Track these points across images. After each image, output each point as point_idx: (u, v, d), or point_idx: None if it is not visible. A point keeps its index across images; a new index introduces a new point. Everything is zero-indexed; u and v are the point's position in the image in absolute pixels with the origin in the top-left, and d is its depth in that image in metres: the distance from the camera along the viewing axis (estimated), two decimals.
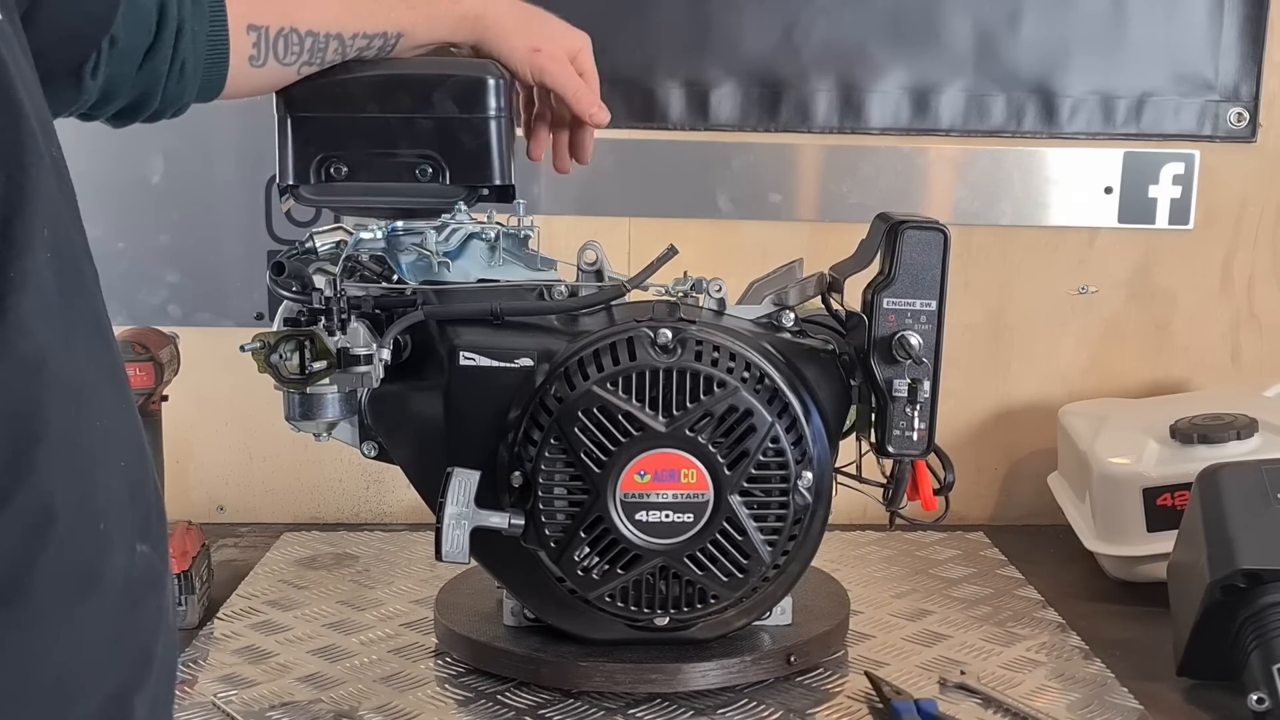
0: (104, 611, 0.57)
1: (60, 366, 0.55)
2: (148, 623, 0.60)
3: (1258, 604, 1.02)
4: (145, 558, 0.60)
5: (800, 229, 1.54)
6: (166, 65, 0.88)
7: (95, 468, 0.57)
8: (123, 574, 0.58)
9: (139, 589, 0.59)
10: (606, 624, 1.04)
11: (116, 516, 0.58)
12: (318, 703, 1.05)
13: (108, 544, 0.57)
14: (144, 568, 0.60)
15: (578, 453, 0.98)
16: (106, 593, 0.57)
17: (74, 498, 0.55)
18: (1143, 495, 1.29)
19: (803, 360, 1.03)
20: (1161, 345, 1.60)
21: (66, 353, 0.56)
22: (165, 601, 0.62)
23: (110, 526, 0.58)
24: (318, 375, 1.00)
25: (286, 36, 0.94)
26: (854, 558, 1.42)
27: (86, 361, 0.58)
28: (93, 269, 0.62)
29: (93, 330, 0.60)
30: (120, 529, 0.58)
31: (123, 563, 0.58)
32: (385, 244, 1.04)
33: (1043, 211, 1.57)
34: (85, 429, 0.57)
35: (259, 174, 1.48)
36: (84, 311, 0.59)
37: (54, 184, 0.58)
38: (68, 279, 0.58)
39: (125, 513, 0.59)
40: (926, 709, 1.02)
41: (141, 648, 0.60)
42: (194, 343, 1.35)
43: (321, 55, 0.97)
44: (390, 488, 1.57)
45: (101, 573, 0.57)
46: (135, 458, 0.62)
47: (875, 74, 1.53)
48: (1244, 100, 1.55)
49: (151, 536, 0.61)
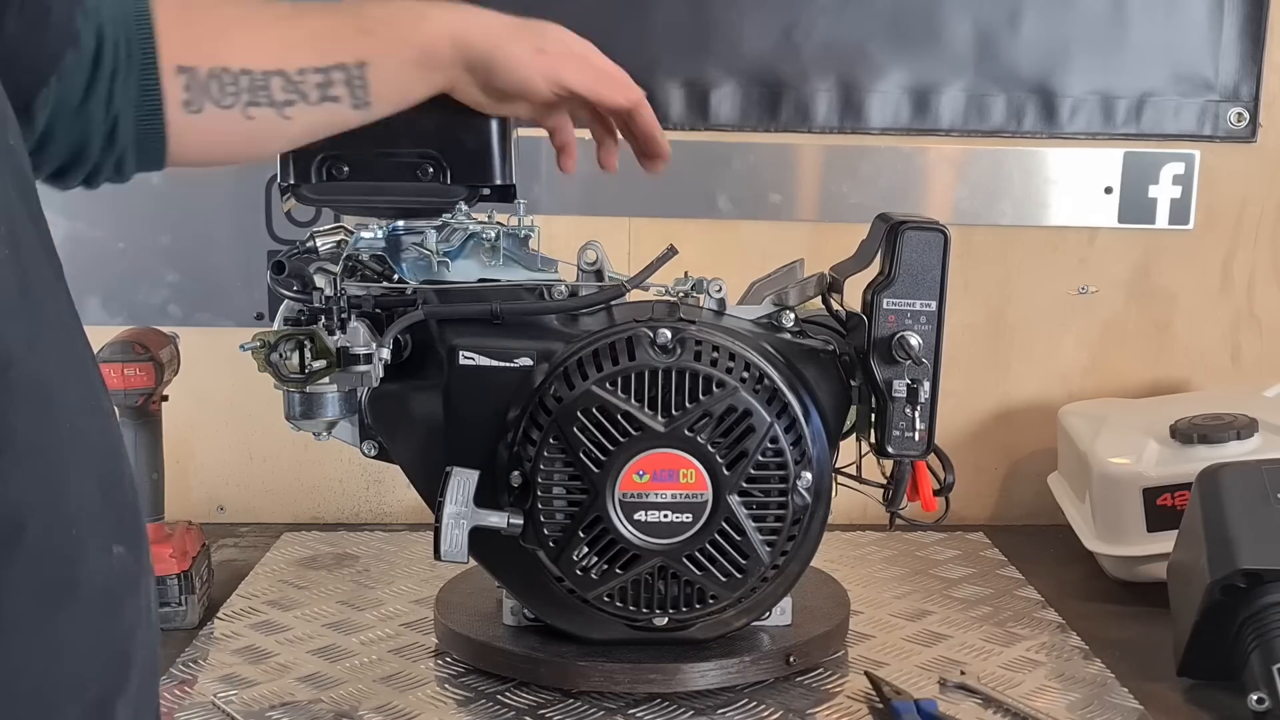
0: (81, 618, 0.56)
1: (25, 368, 0.53)
2: (126, 625, 0.59)
3: (1258, 604, 1.02)
4: (121, 559, 0.59)
5: (800, 229, 1.54)
6: (103, 110, 0.82)
7: (66, 471, 0.56)
8: (100, 577, 0.57)
9: (116, 592, 0.58)
10: (605, 624, 1.04)
11: (90, 520, 0.57)
12: (318, 703, 1.05)
13: (81, 549, 0.56)
14: (120, 570, 0.59)
15: (577, 452, 0.98)
16: (83, 598, 0.56)
17: (43, 505, 0.54)
18: (1143, 495, 1.29)
19: (802, 361, 1.03)
20: (1161, 345, 1.60)
21: (30, 354, 0.54)
22: (142, 601, 0.61)
23: (83, 531, 0.56)
24: (318, 374, 1.00)
25: (219, 76, 0.86)
26: (854, 558, 1.42)
27: (53, 362, 0.56)
28: (56, 264, 0.59)
29: (58, 328, 0.58)
30: (94, 532, 0.57)
31: (99, 566, 0.57)
32: (386, 243, 1.04)
33: (1043, 211, 1.57)
34: (53, 432, 0.55)
35: (259, 174, 1.48)
36: (48, 309, 0.57)
37: (8, 178, 0.55)
38: (29, 276, 0.55)
39: (99, 515, 0.58)
40: (926, 709, 1.02)
41: (120, 652, 0.59)
42: (194, 343, 1.35)
43: (266, 95, 0.88)
44: (390, 488, 1.57)
45: (76, 579, 0.55)
46: (108, 457, 0.60)
47: (875, 74, 1.53)
48: (1244, 100, 1.55)
49: (127, 537, 0.60)
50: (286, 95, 0.89)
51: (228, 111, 0.87)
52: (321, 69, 0.90)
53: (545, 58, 0.95)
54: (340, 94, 0.91)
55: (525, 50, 0.95)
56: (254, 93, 0.88)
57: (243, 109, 0.88)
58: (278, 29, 0.90)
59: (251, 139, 0.91)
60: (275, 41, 0.89)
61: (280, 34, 0.90)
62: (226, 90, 0.87)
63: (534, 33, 0.96)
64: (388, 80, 0.92)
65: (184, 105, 0.86)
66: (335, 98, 0.90)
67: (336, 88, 0.90)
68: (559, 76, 0.96)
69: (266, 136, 0.91)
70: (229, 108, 0.87)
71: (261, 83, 0.88)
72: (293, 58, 0.89)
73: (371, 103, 0.92)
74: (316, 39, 0.90)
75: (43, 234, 0.59)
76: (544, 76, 0.95)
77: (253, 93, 0.88)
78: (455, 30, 0.93)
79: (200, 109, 0.86)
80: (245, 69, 0.87)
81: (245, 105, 0.88)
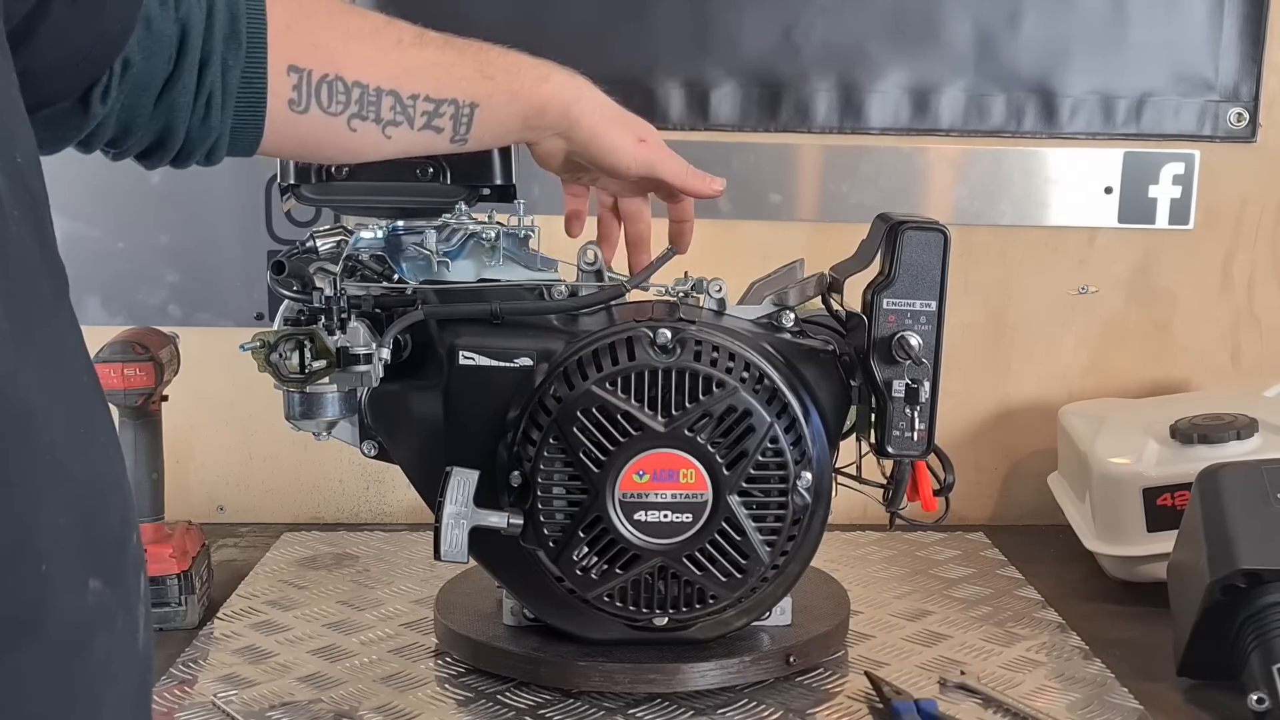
0: (43, 659, 0.53)
1: (3, 400, 0.51)
2: (95, 661, 0.56)
3: (1258, 604, 1.02)
4: (97, 594, 0.56)
5: (800, 229, 1.54)
6: (190, 98, 0.82)
7: (38, 507, 0.53)
8: (69, 614, 0.54)
9: (88, 628, 0.55)
10: (605, 624, 1.04)
11: (62, 555, 0.54)
12: (318, 703, 1.05)
13: (48, 586, 0.53)
14: (95, 605, 0.56)
15: (576, 452, 0.98)
16: (47, 639, 0.53)
17: (6, 541, 0.51)
18: (1143, 495, 1.29)
19: (802, 361, 1.03)
20: (1161, 345, 1.60)
21: (12, 384, 0.51)
22: (117, 640, 0.58)
23: (53, 568, 0.53)
24: (317, 374, 1.00)
25: (331, 84, 0.88)
26: (854, 558, 1.42)
27: (39, 391, 0.53)
28: (59, 284, 0.57)
29: (49, 355, 0.55)
30: (66, 568, 0.54)
31: (69, 603, 0.54)
32: (385, 243, 1.04)
33: (1043, 211, 1.57)
34: (27, 465, 0.52)
35: (259, 174, 1.48)
36: (40, 335, 0.54)
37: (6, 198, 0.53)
38: (19, 302, 0.53)
39: (76, 550, 0.55)
40: (926, 709, 1.02)
41: (88, 691, 0.56)
42: (194, 343, 1.35)
43: (374, 110, 0.90)
44: (390, 488, 1.58)
45: (41, 618, 0.52)
46: (93, 489, 0.57)
47: (875, 74, 1.53)
48: (1244, 100, 1.55)
49: (107, 571, 0.57)
50: (393, 116, 0.92)
51: (333, 118, 0.89)
52: (435, 100, 0.93)
53: (645, 147, 1.03)
54: (444, 126, 0.94)
55: (628, 137, 1.02)
56: (363, 106, 0.90)
57: (348, 119, 0.90)
58: (400, 52, 0.92)
59: (347, 147, 0.93)
60: (395, 63, 0.91)
61: (402, 57, 0.92)
62: (336, 98, 0.89)
63: (638, 123, 1.03)
64: (492, 125, 0.96)
65: (290, 104, 0.87)
66: (438, 129, 0.94)
67: (443, 120, 0.94)
68: (655, 168, 1.03)
69: (362, 148, 0.93)
70: (335, 115, 0.89)
71: (373, 99, 0.90)
72: (409, 82, 0.92)
73: (469, 140, 0.96)
74: (438, 70, 0.93)
75: (49, 255, 0.57)
76: (639, 164, 1.02)
77: (362, 106, 0.90)
78: (570, 100, 0.98)
79: (306, 110, 0.88)
80: (359, 82, 0.89)
81: (351, 116, 0.90)
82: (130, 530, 0.60)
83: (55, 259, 0.58)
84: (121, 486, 0.60)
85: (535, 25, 1.49)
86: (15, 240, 0.53)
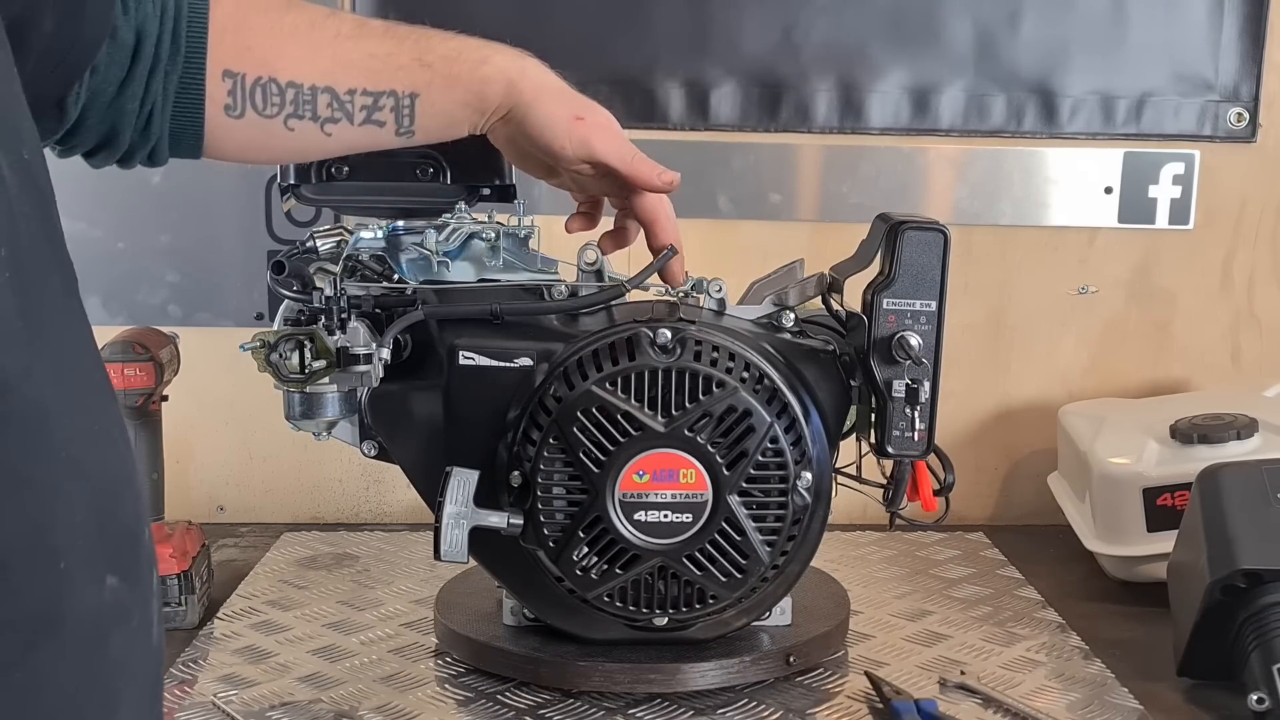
0: (63, 656, 0.53)
1: (20, 397, 0.51)
2: (114, 658, 0.57)
3: (1258, 604, 1.02)
4: (114, 591, 0.56)
5: (800, 229, 1.54)
6: (136, 104, 0.83)
7: (55, 503, 0.53)
8: (88, 611, 0.55)
9: (105, 625, 0.56)
10: (605, 624, 1.04)
11: (80, 552, 0.54)
12: (318, 703, 1.05)
13: (68, 583, 0.53)
14: (113, 601, 0.56)
15: (576, 452, 0.98)
16: (67, 635, 0.53)
17: (26, 539, 0.51)
18: (1143, 495, 1.29)
19: (802, 361, 1.03)
20: (1161, 345, 1.60)
21: (27, 381, 0.51)
22: (136, 630, 0.58)
23: (71, 564, 0.53)
24: (317, 374, 1.00)
25: (264, 86, 0.88)
26: (854, 558, 1.42)
27: (53, 388, 0.53)
28: (70, 280, 0.58)
29: (63, 352, 0.55)
30: (84, 564, 0.54)
31: (89, 600, 0.55)
32: (385, 243, 1.04)
33: (1043, 211, 1.57)
34: (44, 463, 0.53)
35: (259, 174, 1.48)
36: (52, 332, 0.55)
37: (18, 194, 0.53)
38: (31, 299, 0.53)
39: (92, 546, 0.55)
40: (926, 709, 1.02)
41: (107, 688, 0.56)
42: (194, 343, 1.35)
43: (310, 108, 0.90)
44: (390, 488, 1.58)
45: (61, 615, 0.53)
46: (107, 486, 0.57)
47: (875, 74, 1.53)
48: (1244, 100, 1.55)
49: (122, 567, 0.57)
50: (331, 113, 0.91)
51: (268, 120, 0.89)
52: (372, 93, 0.92)
53: (581, 124, 0.96)
54: (386, 119, 0.93)
55: (564, 114, 0.96)
56: (298, 106, 0.90)
57: (284, 120, 0.90)
58: (335, 46, 0.91)
59: (288, 148, 0.93)
60: (330, 59, 0.90)
61: (337, 52, 0.91)
62: (270, 100, 0.88)
63: (581, 102, 0.98)
64: (435, 114, 0.94)
65: (225, 109, 0.87)
66: (380, 122, 0.93)
67: (384, 113, 0.92)
68: (590, 147, 0.97)
69: (304, 147, 0.93)
70: (270, 117, 0.89)
71: (308, 97, 0.90)
72: (345, 78, 0.91)
73: (415, 132, 0.94)
74: (374, 62, 0.92)
75: (58, 250, 0.57)
76: (574, 142, 0.96)
77: (297, 106, 0.89)
78: (514, 75, 0.95)
79: (241, 114, 0.88)
80: (293, 82, 0.89)
81: (287, 117, 0.90)
82: (143, 526, 0.60)
83: (64, 255, 0.58)
84: (134, 483, 0.60)
85: (535, 25, 1.49)
86: (26, 237, 0.53)
